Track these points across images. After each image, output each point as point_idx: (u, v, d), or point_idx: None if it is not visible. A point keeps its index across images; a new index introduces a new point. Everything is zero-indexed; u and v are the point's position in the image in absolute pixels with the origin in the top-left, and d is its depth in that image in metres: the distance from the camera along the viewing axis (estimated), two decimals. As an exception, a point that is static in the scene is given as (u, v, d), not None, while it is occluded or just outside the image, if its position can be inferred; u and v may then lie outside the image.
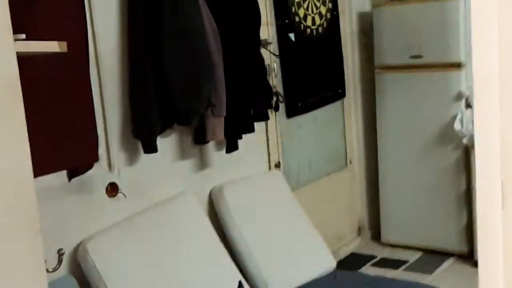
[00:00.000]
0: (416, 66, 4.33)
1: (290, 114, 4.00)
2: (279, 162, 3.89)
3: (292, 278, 3.28)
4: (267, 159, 3.81)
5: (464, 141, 4.10)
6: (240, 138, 3.31)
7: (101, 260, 2.58)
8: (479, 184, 1.08)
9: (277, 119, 3.88)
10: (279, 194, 3.63)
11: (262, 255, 3.25)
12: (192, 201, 3.13)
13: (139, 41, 2.78)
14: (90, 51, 2.58)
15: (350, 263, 4.29)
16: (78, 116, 2.49)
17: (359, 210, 4.78)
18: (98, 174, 2.72)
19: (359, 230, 4.78)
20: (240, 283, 2.73)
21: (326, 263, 3.50)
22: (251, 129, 3.40)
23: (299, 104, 4.06)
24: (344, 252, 4.48)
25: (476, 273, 3.50)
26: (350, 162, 4.66)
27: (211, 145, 3.30)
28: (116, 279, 2.58)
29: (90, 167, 2.60)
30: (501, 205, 1.03)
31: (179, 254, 2.88)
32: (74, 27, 2.44)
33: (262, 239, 3.32)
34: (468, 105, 4.17)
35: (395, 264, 4.32)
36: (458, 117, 4.11)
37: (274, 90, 3.71)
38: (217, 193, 3.32)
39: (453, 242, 4.32)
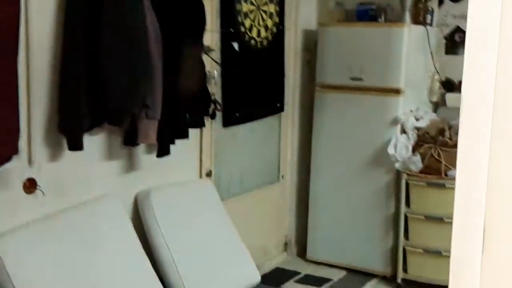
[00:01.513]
0: (356, 88, 4.36)
1: (226, 123, 3.93)
2: (210, 171, 3.81)
3: (214, 291, 3.20)
4: (199, 167, 3.73)
5: (396, 165, 4.14)
6: (173, 143, 3.21)
7: (11, 260, 2.42)
8: (456, 227, 1.06)
9: (212, 127, 3.80)
10: (208, 203, 3.55)
11: (185, 265, 3.16)
12: (116, 205, 3.01)
13: (76, 32, 2.65)
14: (21, 36, 2.44)
15: (274, 277, 4.25)
16: (-2, 104, 2.34)
17: (287, 225, 4.75)
18: (16, 168, 2.56)
19: (286, 245, 4.75)
20: None
21: (250, 277, 3.45)
22: (185, 135, 3.30)
23: (237, 114, 4.00)
24: (269, 267, 4.43)
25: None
26: (283, 177, 4.63)
27: (141, 147, 3.18)
28: (26, 281, 2.43)
29: (8, 159, 2.44)
30: (481, 250, 1.01)
31: (97, 260, 2.75)
32: (4, 3, 2.29)
33: (187, 249, 3.22)
34: (403, 131, 4.22)
35: (319, 281, 4.31)
36: (392, 141, 4.16)
37: (213, 98, 3.64)
38: (143, 198, 3.21)
39: (378, 263, 4.35)
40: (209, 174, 3.80)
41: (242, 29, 3.95)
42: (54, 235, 2.65)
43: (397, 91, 4.21)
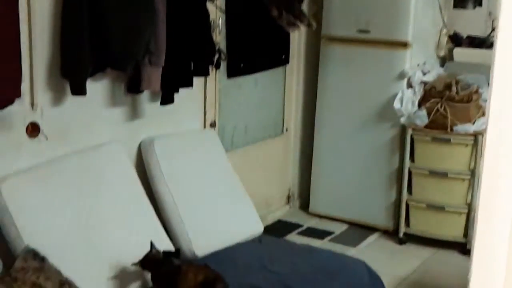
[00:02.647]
0: (363, 40, 4.29)
1: (231, 74, 3.88)
2: (214, 121, 3.78)
3: (217, 239, 3.20)
4: (203, 117, 3.69)
5: (402, 120, 4.10)
6: (177, 91, 3.17)
7: (14, 202, 2.42)
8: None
9: (217, 77, 3.76)
10: (211, 153, 3.52)
11: (188, 214, 3.15)
12: (120, 151, 2.99)
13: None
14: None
15: (276, 230, 4.26)
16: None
17: (290, 178, 4.74)
18: (18, 112, 2.54)
19: (288, 198, 4.75)
20: (151, 243, 2.61)
21: (253, 227, 3.44)
22: (189, 84, 3.26)
23: (241, 65, 3.94)
24: (271, 219, 4.45)
25: (400, 249, 3.52)
26: (287, 130, 4.60)
27: (145, 95, 3.15)
28: (29, 223, 2.43)
29: (10, 102, 2.41)
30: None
31: (99, 205, 2.74)
32: None
33: (190, 197, 3.21)
34: (410, 85, 4.17)
35: (321, 234, 4.33)
36: (399, 96, 4.11)
37: (217, 47, 3.58)
38: (147, 146, 3.18)
39: (380, 217, 4.36)
40: (213, 125, 3.77)
41: (248, -24, 3.86)
42: (57, 179, 2.63)
43: (404, 45, 4.15)
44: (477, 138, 3.89)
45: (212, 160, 3.49)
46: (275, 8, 2.30)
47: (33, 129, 2.61)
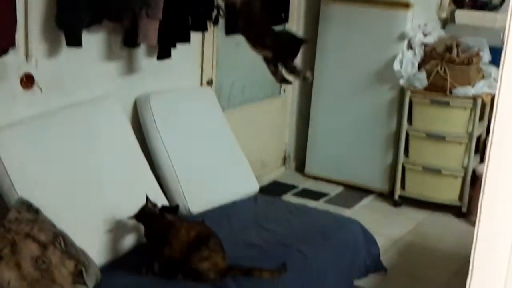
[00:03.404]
0: (364, 0, 4.23)
1: (229, 31, 3.81)
2: (211, 79, 3.73)
3: (212, 197, 3.19)
4: (200, 75, 3.64)
5: (401, 82, 4.07)
6: (174, 46, 3.12)
7: (8, 153, 2.38)
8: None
9: (215, 34, 3.69)
10: (208, 111, 3.48)
11: (183, 171, 3.13)
12: (115, 106, 2.94)
13: None
14: None
15: (272, 190, 4.26)
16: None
17: (287, 139, 4.72)
18: (13, 62, 2.49)
19: (284, 160, 4.74)
20: (147, 197, 2.60)
21: (249, 187, 3.43)
22: (186, 39, 3.20)
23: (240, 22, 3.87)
24: (267, 179, 4.44)
25: (395, 211, 3.52)
26: (284, 91, 4.56)
27: (141, 49, 3.09)
28: (22, 175, 2.40)
29: (5, 51, 2.36)
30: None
31: (95, 159, 2.71)
32: None
33: (186, 155, 3.18)
34: (410, 47, 4.12)
35: (316, 195, 4.33)
36: (398, 57, 4.07)
37: (216, 2, 3.50)
38: (143, 102, 3.14)
39: (376, 180, 4.36)
40: (210, 83, 3.72)
41: None
42: (52, 132, 2.60)
43: (406, 5, 4.08)
44: (476, 101, 3.86)
45: (208, 118, 3.46)
46: (272, 65, 2.23)
47: (28, 81, 2.57)
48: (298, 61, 3.64)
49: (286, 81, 2.21)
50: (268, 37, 2.22)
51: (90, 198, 2.61)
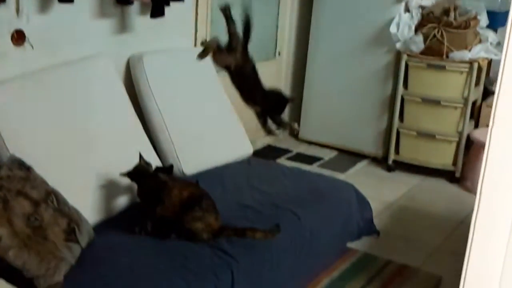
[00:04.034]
0: (361, -38, 4.17)
1: (224, -9, 3.74)
2: (206, 40, 3.67)
3: (206, 159, 3.17)
4: (194, 35, 3.59)
5: (397, 45, 4.03)
6: (168, 4, 3.06)
7: (-2, 111, 2.35)
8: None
9: (209, -7, 3.63)
10: (202, 73, 3.43)
11: (177, 132, 3.10)
12: (108, 65, 2.90)
13: None
14: None
15: (265, 154, 4.24)
16: None
17: (282, 104, 4.68)
18: (3, 17, 2.44)
19: (279, 124, 4.71)
20: (140, 155, 2.58)
21: (242, 149, 3.41)
22: (180, -3, 3.14)
23: (235, -18, 3.80)
24: (261, 143, 4.42)
25: (388, 176, 3.50)
26: (279, 54, 4.51)
27: (135, 7, 3.03)
28: (14, 133, 2.36)
29: (-6, 6, 2.31)
30: None
31: (87, 118, 2.67)
32: None
33: (179, 116, 3.15)
34: (407, 9, 4.07)
35: (310, 160, 4.32)
36: (395, 20, 4.02)
37: (210, -39, 3.44)
38: (136, 61, 3.10)
39: (370, 145, 4.35)
40: (204, 43, 3.65)
41: None
42: (44, 90, 2.56)
43: (404, -33, 4.02)
44: (472, 66, 3.83)
45: (202, 80, 3.41)
46: (261, 118, 2.39)
47: (19, 37, 2.52)
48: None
49: (273, 133, 2.41)
50: (258, 95, 2.47)
51: (83, 157, 2.58)
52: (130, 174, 2.53)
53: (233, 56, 2.35)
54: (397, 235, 3.40)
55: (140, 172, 2.53)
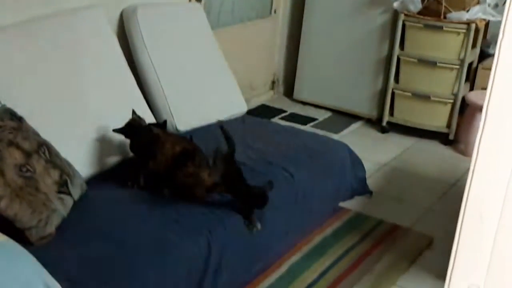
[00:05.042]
0: None
1: None
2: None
3: (199, 115, 3.14)
4: (189, -12, 3.52)
5: (395, 5, 3.97)
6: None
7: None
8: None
9: None
10: (197, 29, 3.38)
11: (170, 87, 3.06)
12: (101, 17, 2.84)
13: None
14: None
15: (259, 113, 4.22)
16: None
17: (276, 63, 4.64)
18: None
19: (273, 84, 4.68)
20: (133, 110, 2.55)
21: (236, 107, 3.38)
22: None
23: None
24: (255, 103, 4.39)
25: (382, 137, 3.47)
26: (275, 11, 4.44)
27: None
28: (4, 83, 2.32)
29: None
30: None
31: (79, 70, 2.63)
32: None
33: (173, 71, 3.11)
34: (405, -32, 4.00)
35: (304, 120, 4.30)
36: (393, -21, 3.95)
37: None
38: (130, 14, 3.03)
39: (364, 106, 4.33)
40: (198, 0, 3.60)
41: None
42: (36, 41, 2.50)
43: None
44: (470, 27, 3.79)
45: (197, 36, 3.36)
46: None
47: (9, -14, 2.45)
48: None
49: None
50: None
51: (75, 110, 2.55)
52: (123, 130, 2.50)
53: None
54: (389, 196, 3.40)
55: (133, 127, 2.50)
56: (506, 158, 0.84)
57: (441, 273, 1.02)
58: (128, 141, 2.55)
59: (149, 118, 2.79)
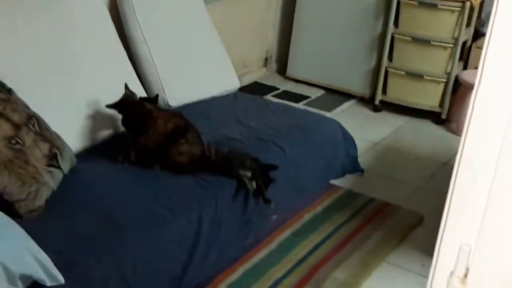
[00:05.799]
0: None
1: None
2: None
3: (191, 91, 3.12)
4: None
5: (389, -18, 3.94)
6: None
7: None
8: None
9: None
10: (190, 3, 3.34)
11: (162, 63, 3.03)
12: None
13: None
14: None
15: (252, 91, 4.18)
16: None
17: (269, 40, 4.61)
18: None
19: (266, 61, 4.65)
20: (126, 85, 2.52)
21: (229, 83, 3.36)
22: None
23: None
24: (248, 80, 4.37)
25: (375, 116, 3.45)
26: (269, -12, 4.40)
27: None
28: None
29: None
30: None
31: (71, 44, 2.60)
32: None
33: (165, 47, 3.08)
34: None
35: (297, 98, 4.29)
36: (388, -44, 3.91)
37: None
38: (122, -13, 2.99)
39: (357, 84, 4.31)
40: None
41: None
42: (26, 13, 2.46)
43: None
44: (464, 5, 3.77)
45: (190, 11, 3.32)
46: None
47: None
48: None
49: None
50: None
51: (65, 83, 2.52)
52: (116, 106, 2.48)
53: None
54: (381, 174, 3.41)
55: (126, 103, 2.48)
56: (500, 116, 0.82)
57: (430, 250, 1.02)
58: (119, 115, 2.53)
59: (140, 93, 2.76)
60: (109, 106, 2.49)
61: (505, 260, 0.86)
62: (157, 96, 2.64)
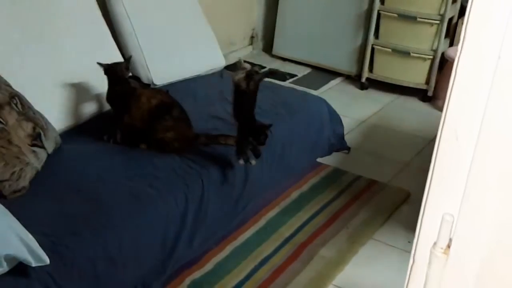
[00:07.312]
0: None
1: None
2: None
3: (177, 69, 3.09)
4: None
5: (375, -42, 3.91)
6: None
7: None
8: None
9: None
10: (174, -20, 3.30)
11: (147, 40, 2.99)
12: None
13: None
14: None
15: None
16: None
17: (255, 18, 4.57)
18: None
19: (252, 39, 4.62)
20: (130, 58, 2.49)
21: (214, 61, 3.33)
22: None
23: None
24: (233, 58, 4.32)
25: (361, 94, 3.43)
26: (254, -35, 4.36)
27: None
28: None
29: None
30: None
31: (53, 20, 2.55)
32: None
33: (149, 24, 3.03)
34: None
35: (283, 76, 4.27)
36: None
37: None
38: (104, -36, 2.94)
39: (344, 62, 4.30)
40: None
41: None
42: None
43: None
44: (451, -19, 3.75)
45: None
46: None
47: None
48: None
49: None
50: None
51: (48, 61, 2.48)
52: (104, 66, 2.42)
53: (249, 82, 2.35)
54: (367, 152, 3.41)
55: (115, 71, 2.43)
56: (484, 76, 0.81)
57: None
58: (103, 93, 2.50)
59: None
60: (100, 63, 2.43)
61: (488, 231, 0.85)
62: (130, 57, 2.58)
